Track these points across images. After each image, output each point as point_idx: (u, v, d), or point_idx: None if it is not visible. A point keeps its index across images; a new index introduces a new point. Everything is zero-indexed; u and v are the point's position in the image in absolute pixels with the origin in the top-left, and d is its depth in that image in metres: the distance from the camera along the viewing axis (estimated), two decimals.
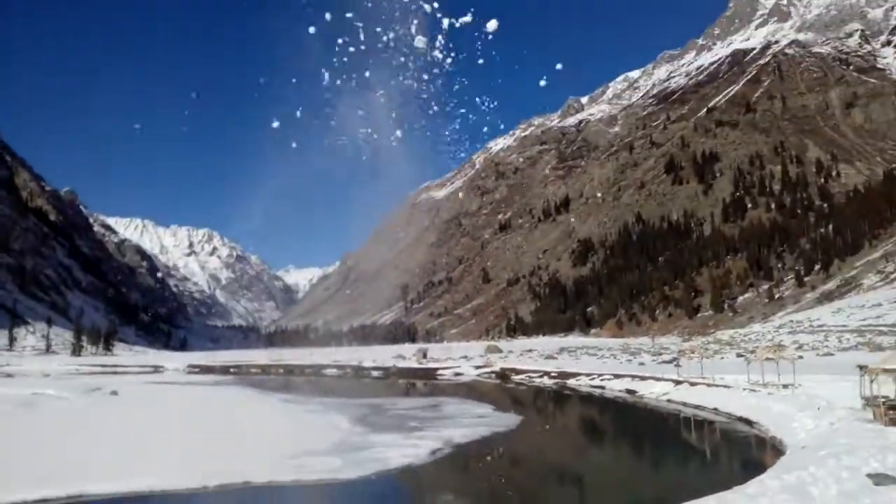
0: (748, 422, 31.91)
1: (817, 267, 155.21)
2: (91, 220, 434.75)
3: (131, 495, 17.90)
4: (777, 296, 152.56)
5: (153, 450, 24.17)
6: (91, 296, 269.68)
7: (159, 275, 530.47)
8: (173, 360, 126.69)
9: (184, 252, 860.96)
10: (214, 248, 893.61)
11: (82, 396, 49.40)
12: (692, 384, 44.59)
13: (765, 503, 11.58)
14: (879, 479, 11.93)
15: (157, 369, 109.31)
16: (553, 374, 68.76)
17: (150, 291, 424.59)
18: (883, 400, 24.14)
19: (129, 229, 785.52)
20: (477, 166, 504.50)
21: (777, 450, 24.16)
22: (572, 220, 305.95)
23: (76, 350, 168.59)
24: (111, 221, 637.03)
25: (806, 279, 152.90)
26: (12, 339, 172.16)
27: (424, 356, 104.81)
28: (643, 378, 53.36)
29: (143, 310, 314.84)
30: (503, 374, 77.35)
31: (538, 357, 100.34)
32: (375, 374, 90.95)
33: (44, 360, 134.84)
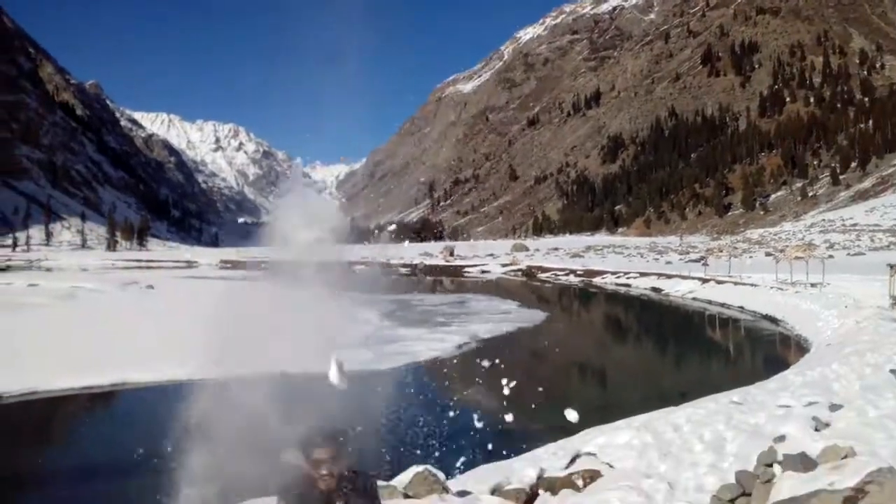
0: (773, 320, 32.06)
1: (853, 164, 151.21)
2: (118, 115, 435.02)
3: (170, 383, 18.69)
4: (810, 194, 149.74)
5: (190, 341, 25.05)
6: (122, 191, 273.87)
7: (187, 170, 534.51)
8: (206, 256, 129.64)
9: (210, 147, 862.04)
10: (241, 144, 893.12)
11: (119, 290, 51.02)
12: (718, 282, 44.64)
13: (786, 397, 11.72)
14: None
15: (190, 264, 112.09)
16: (579, 273, 69.23)
17: (179, 187, 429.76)
18: None
19: (155, 124, 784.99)
20: (505, 57, 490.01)
21: (802, 347, 24.34)
22: (602, 114, 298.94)
23: (111, 245, 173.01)
24: (137, 116, 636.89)
25: (841, 177, 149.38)
26: (49, 235, 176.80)
27: (451, 254, 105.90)
28: (669, 276, 53.51)
29: (174, 205, 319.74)
30: (529, 272, 78.08)
31: (564, 256, 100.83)
32: (403, 270, 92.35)
33: (80, 255, 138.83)
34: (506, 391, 11.67)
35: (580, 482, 8.82)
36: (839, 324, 24.83)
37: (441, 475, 8.52)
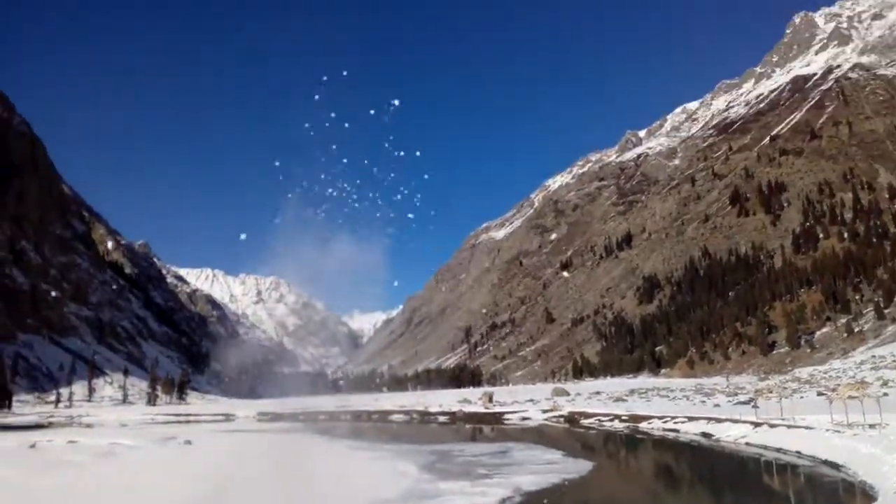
0: (835, 465, 30.36)
1: None
2: (164, 272, 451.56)
3: None
4: (856, 329, 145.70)
5: (233, 498, 24.61)
6: (165, 345, 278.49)
7: (229, 323, 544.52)
8: (244, 408, 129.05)
9: (252, 300, 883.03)
10: (281, 296, 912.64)
11: (158, 446, 50.80)
12: (771, 426, 42.78)
13: None
14: None
15: (228, 417, 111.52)
16: (624, 418, 67.01)
17: (220, 340, 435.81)
18: None
19: (199, 279, 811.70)
20: (536, 205, 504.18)
21: (868, 495, 22.90)
22: (635, 255, 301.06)
23: (151, 399, 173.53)
24: (183, 272, 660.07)
25: (886, 311, 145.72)
26: (91, 390, 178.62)
27: (490, 400, 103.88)
28: (719, 420, 51.50)
29: (214, 358, 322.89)
30: (571, 418, 75.82)
31: (607, 399, 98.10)
32: (441, 419, 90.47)
33: (121, 410, 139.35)
34: None
35: None
36: None
37: None
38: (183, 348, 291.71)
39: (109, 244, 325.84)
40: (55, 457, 41.69)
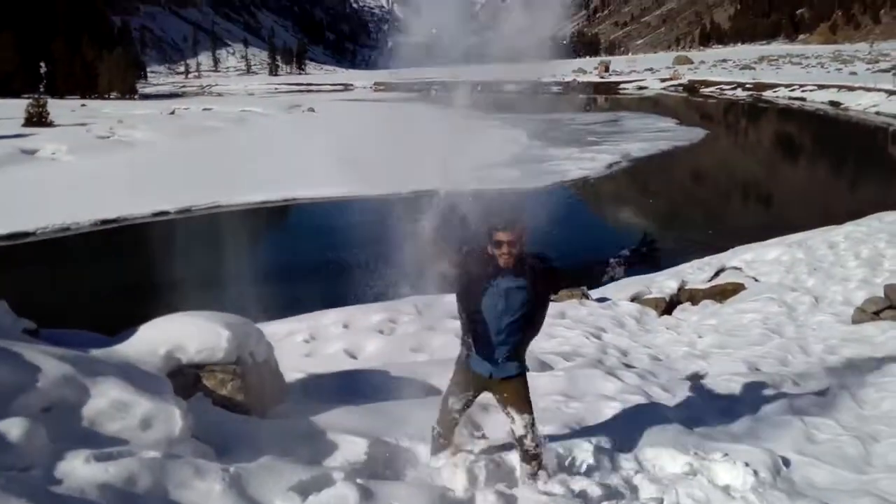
0: None
1: None
2: None
3: (335, 199, 20.29)
4: None
5: (350, 160, 26.56)
6: (278, 14, 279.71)
7: None
8: (361, 79, 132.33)
9: None
10: None
11: (284, 113, 53.93)
12: None
13: None
14: None
15: (346, 87, 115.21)
16: (748, 86, 63.88)
17: (331, 8, 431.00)
18: None
19: None
20: None
21: None
22: None
23: (273, 70, 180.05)
24: None
25: None
26: (216, 61, 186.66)
27: (606, 69, 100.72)
28: (851, 88, 48.20)
29: (328, 28, 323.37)
30: (691, 87, 73.09)
31: (733, 68, 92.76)
32: (555, 89, 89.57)
33: (246, 80, 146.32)
34: (656, 210, 11.68)
35: (721, 294, 8.95)
36: None
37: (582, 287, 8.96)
38: (296, 17, 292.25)
39: None
40: (194, 122, 45.31)
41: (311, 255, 15.19)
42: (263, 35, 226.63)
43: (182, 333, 3.58)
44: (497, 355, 3.04)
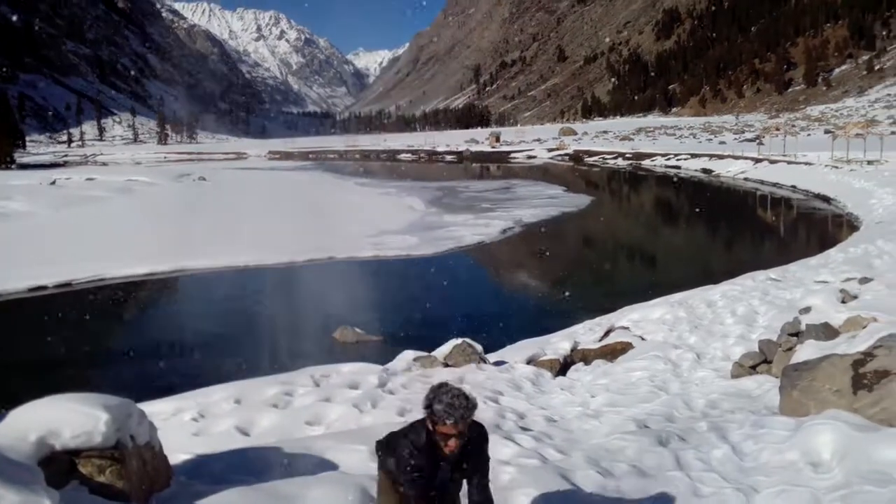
0: (826, 198, 31.41)
1: None
2: (158, 6, 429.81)
3: (226, 269, 19.73)
4: (877, 67, 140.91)
5: (244, 230, 26.05)
6: (168, 84, 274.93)
7: (231, 61, 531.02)
8: (255, 147, 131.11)
9: (252, 37, 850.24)
10: (283, 32, 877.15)
11: (173, 182, 52.47)
12: (772, 162, 43.49)
13: (825, 274, 11.83)
14: None
15: (239, 156, 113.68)
16: (627, 156, 67.99)
17: (223, 78, 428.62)
18: None
19: (196, 14, 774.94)
20: None
21: (852, 226, 23.98)
22: None
23: (161, 138, 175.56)
24: (177, 6, 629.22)
25: None
26: (101, 130, 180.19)
27: (497, 139, 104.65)
28: (721, 157, 52.25)
29: (220, 97, 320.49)
30: (576, 157, 77.00)
31: (613, 139, 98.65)
32: (449, 158, 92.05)
33: (133, 149, 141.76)
34: (547, 273, 12.02)
35: (611, 353, 9.29)
36: (892, 201, 24.27)
37: (479, 347, 9.08)
38: (187, 87, 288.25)
39: None
40: (77, 192, 43.29)
41: (202, 328, 14.60)
42: (152, 104, 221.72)
43: (56, 417, 3.35)
44: None
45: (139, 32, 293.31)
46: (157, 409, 7.01)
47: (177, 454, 4.82)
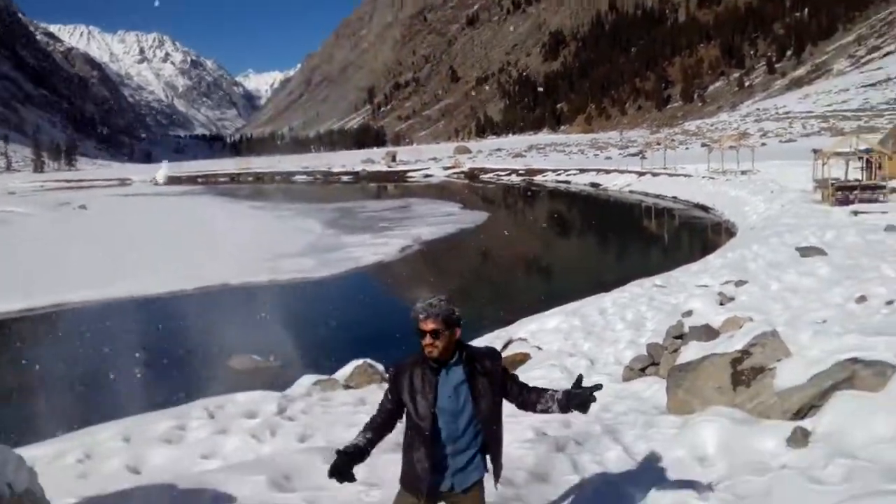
0: (705, 208, 33.34)
1: (789, 53, 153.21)
2: (31, 28, 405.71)
3: (111, 301, 18.65)
4: (747, 84, 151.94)
5: (129, 258, 24.76)
6: (45, 110, 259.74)
7: (112, 85, 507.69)
8: (140, 173, 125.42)
9: (135, 59, 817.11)
10: (167, 54, 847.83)
11: (51, 212, 49.42)
12: (654, 175, 45.77)
13: (706, 278, 12.53)
14: (806, 251, 12.83)
15: (123, 182, 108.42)
16: (521, 172, 69.83)
17: (105, 102, 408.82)
18: (832, 182, 25.20)
19: (73, 37, 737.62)
20: None
21: (729, 232, 25.54)
22: (543, 10, 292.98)
23: (38, 167, 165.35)
24: (53, 29, 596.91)
25: (777, 66, 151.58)
26: None
27: (394, 159, 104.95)
28: (607, 171, 54.51)
29: (101, 122, 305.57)
30: (472, 174, 78.35)
31: (506, 156, 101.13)
32: (345, 178, 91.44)
33: (6, 178, 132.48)
34: (448, 289, 12.03)
35: (510, 365, 9.41)
36: (765, 208, 26.02)
37: (380, 366, 8.98)
38: (65, 113, 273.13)
39: None
40: None
41: (85, 364, 13.70)
42: (27, 131, 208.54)
43: None
44: (457, 463, 2.86)
45: (11, 56, 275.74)
46: (37, 454, 6.51)
47: (62, 499, 4.56)
